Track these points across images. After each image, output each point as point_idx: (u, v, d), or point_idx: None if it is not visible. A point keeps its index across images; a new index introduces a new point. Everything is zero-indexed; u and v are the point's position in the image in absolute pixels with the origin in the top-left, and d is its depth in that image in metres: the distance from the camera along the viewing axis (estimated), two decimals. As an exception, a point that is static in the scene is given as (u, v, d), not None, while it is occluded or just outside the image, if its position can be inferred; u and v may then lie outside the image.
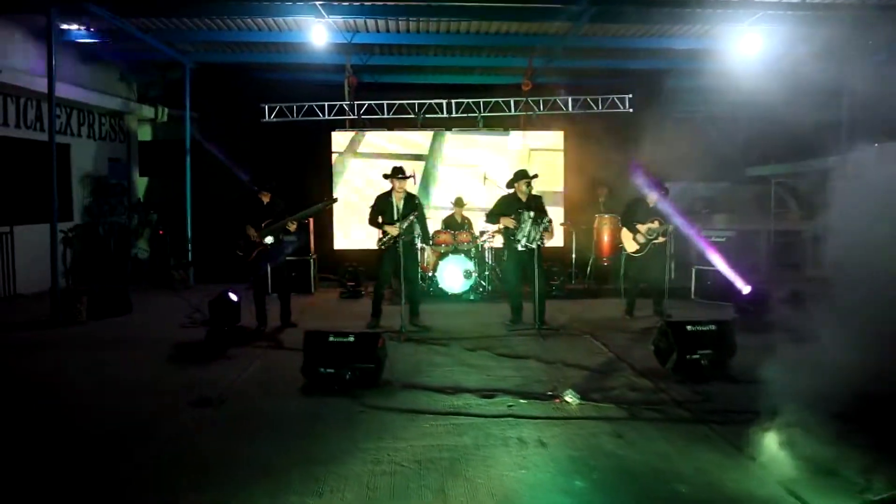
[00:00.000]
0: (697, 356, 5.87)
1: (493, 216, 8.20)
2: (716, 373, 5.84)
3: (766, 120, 13.57)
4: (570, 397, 5.18)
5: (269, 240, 7.83)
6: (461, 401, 5.25)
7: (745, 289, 8.38)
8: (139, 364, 6.49)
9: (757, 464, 4.07)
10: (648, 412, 4.97)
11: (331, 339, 5.62)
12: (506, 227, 8.05)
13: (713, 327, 6.07)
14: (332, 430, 4.62)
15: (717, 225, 11.68)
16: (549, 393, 5.38)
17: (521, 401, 5.21)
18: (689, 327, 6.01)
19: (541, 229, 7.72)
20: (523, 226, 7.81)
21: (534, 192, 8.13)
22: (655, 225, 8.44)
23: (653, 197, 8.57)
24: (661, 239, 8.47)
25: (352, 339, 5.63)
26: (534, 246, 7.74)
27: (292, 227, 7.86)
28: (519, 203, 7.98)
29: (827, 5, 9.54)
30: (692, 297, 10.00)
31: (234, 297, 7.50)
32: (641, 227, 8.51)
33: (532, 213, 7.76)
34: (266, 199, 7.97)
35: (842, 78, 12.47)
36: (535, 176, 8.13)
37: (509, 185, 8.21)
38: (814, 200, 14.75)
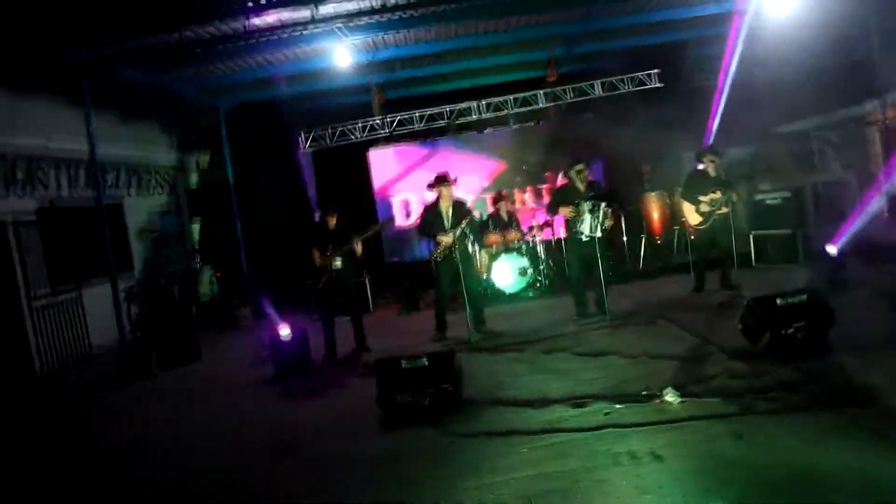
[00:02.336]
0: (793, 330, 5.12)
1: (552, 207, 7.58)
2: (815, 346, 5.09)
3: (793, 74, 12.63)
4: (670, 396, 4.48)
5: (337, 264, 7.30)
6: (553, 414, 4.59)
7: (833, 248, 7.48)
8: (214, 414, 6.00)
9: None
10: (760, 403, 4.24)
11: (404, 364, 5.02)
12: (566, 219, 7.42)
13: (804, 297, 5.29)
14: (424, 468, 4.01)
15: (764, 186, 10.76)
16: (645, 393, 4.69)
17: (617, 406, 4.53)
18: (779, 300, 5.24)
19: (601, 217, 7.10)
20: (583, 217, 7.17)
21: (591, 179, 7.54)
22: (718, 195, 7.70)
23: (712, 166, 7.85)
24: (723, 209, 7.73)
25: (425, 361, 5.03)
26: (598, 235, 7.12)
27: (358, 248, 7.30)
28: (576, 192, 7.33)
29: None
30: (753, 264, 9.18)
31: (286, 330, 6.93)
32: (704, 199, 7.79)
33: (590, 204, 7.12)
34: (332, 223, 7.42)
35: (869, 14, 11.49)
36: (589, 162, 7.49)
37: (565, 173, 7.61)
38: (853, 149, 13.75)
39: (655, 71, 11.55)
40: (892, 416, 3.69)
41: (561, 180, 9.04)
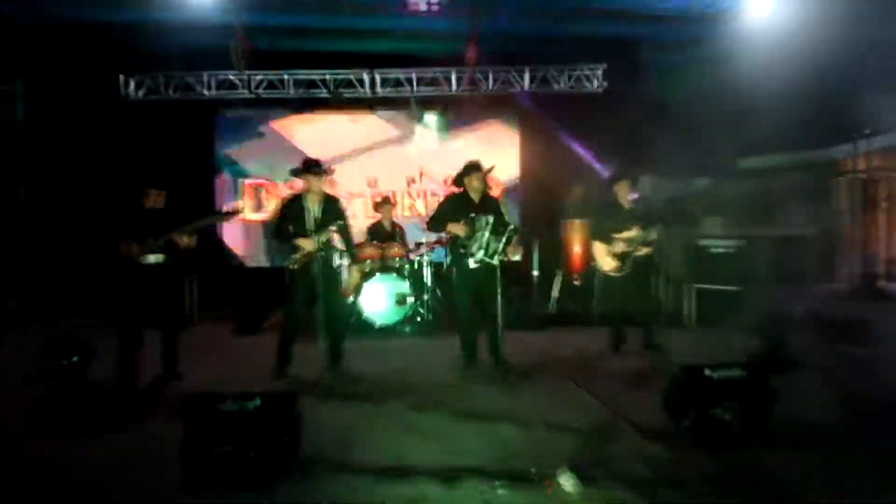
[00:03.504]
0: (723, 411, 5.38)
1: (438, 222, 7.59)
2: (747, 433, 5.36)
3: (764, 103, 13.48)
4: (565, 479, 4.58)
5: (151, 259, 7.01)
6: (415, 489, 4.57)
7: (784, 316, 7.99)
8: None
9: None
10: (673, 496, 4.42)
11: (227, 405, 4.84)
12: (453, 238, 7.49)
13: (741, 372, 5.58)
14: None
15: (713, 230, 11.34)
16: (535, 472, 4.77)
17: (498, 486, 4.57)
18: (708, 372, 5.50)
19: (503, 240, 7.21)
20: (479, 235, 7.26)
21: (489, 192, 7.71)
22: (635, 233, 8.04)
23: (627, 196, 8.22)
24: (643, 250, 8.09)
25: (257, 403, 4.86)
26: (495, 262, 7.22)
27: (186, 241, 7.01)
28: (471, 205, 7.44)
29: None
30: (687, 323, 9.71)
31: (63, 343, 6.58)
32: (619, 237, 8.11)
33: (490, 219, 7.25)
34: (155, 204, 7.11)
35: (855, 48, 12.51)
36: (491, 168, 7.64)
37: (457, 181, 7.67)
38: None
39: (601, 67, 11.96)
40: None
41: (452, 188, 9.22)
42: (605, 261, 8.26)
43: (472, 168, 7.54)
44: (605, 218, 8.30)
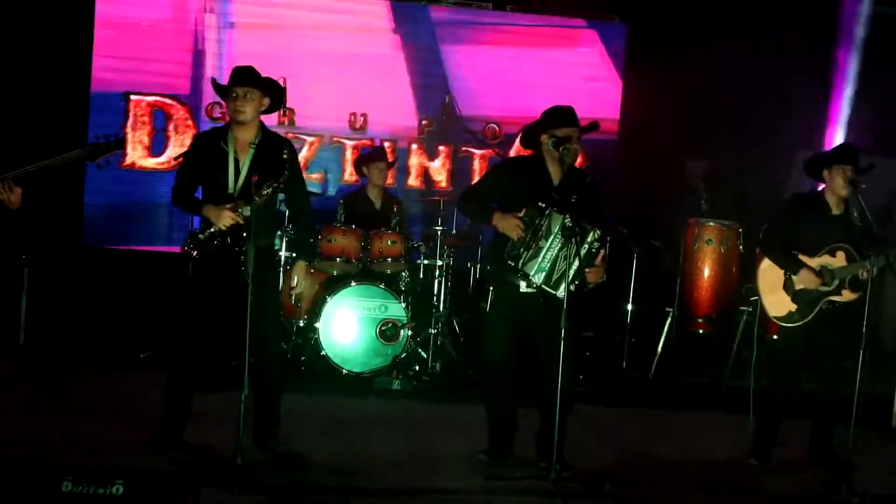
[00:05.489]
0: None
1: (478, 205, 7.52)
2: None
3: None
4: None
5: None
6: None
7: None
8: None
9: None
10: None
11: (67, 487, 4.83)
12: (497, 237, 7.39)
13: None
14: None
15: None
16: None
17: None
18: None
19: (580, 257, 6.94)
20: (544, 245, 7.10)
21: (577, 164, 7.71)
22: (840, 261, 7.88)
23: (842, 191, 7.90)
24: (847, 294, 7.89)
25: (118, 489, 4.87)
26: (560, 293, 7.00)
27: (8, 196, 6.85)
28: (542, 185, 7.28)
29: None
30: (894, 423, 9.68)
31: None
32: (811, 261, 7.93)
33: (568, 221, 7.00)
34: None
35: None
36: (594, 126, 7.54)
37: (529, 137, 7.53)
38: None
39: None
40: None
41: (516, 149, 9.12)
42: (776, 298, 8.11)
43: (560, 117, 7.36)
44: (795, 224, 8.13)
